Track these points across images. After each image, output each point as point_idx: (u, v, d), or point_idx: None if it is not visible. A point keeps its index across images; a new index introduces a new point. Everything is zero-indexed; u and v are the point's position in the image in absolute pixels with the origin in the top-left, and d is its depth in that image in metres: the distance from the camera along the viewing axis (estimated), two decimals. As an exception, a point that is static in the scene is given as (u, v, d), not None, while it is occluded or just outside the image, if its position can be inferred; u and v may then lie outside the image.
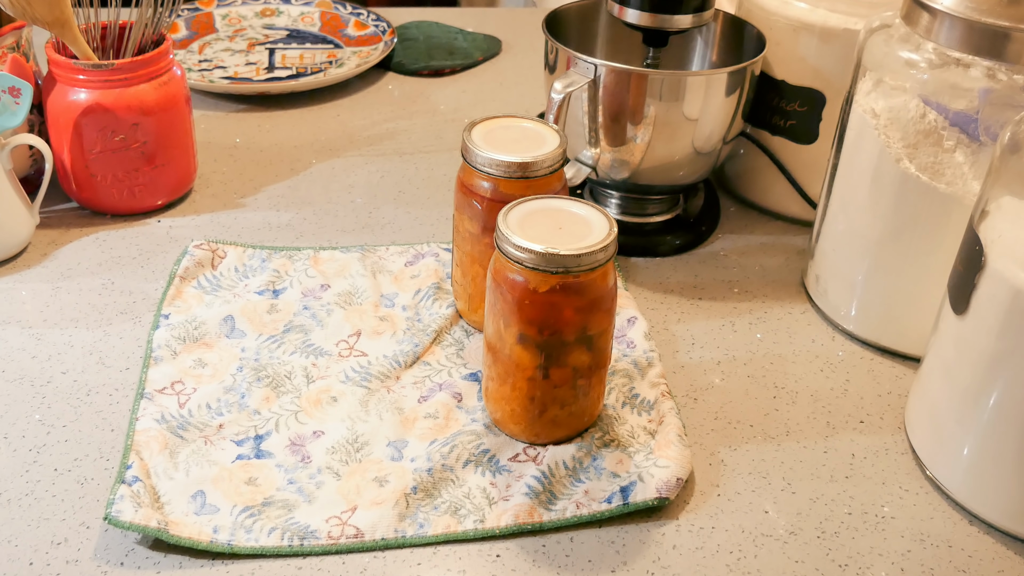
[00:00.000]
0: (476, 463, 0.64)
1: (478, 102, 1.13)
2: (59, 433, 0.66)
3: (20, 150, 0.87)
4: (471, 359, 0.73)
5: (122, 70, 0.82)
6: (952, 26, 0.65)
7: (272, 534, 0.59)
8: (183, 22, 1.24)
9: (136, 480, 0.60)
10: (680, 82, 0.79)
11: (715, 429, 0.69)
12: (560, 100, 0.77)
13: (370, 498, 0.62)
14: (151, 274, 0.81)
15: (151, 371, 0.70)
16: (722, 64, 0.91)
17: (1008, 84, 0.64)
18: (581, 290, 0.60)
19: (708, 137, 0.82)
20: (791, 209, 0.92)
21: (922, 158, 0.69)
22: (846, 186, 0.75)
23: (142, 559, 0.58)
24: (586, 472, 0.64)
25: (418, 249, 0.84)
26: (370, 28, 1.25)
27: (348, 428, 0.66)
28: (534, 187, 0.69)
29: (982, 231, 0.60)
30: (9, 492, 0.61)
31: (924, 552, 0.61)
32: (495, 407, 0.66)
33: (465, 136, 0.70)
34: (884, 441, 0.69)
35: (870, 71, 0.71)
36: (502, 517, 0.60)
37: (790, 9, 0.83)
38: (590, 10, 0.92)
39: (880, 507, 0.64)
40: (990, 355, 0.59)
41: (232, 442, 0.65)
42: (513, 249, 0.60)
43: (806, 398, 0.72)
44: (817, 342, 0.78)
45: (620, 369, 0.71)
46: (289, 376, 0.70)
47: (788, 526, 0.62)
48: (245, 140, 1.02)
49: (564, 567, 0.59)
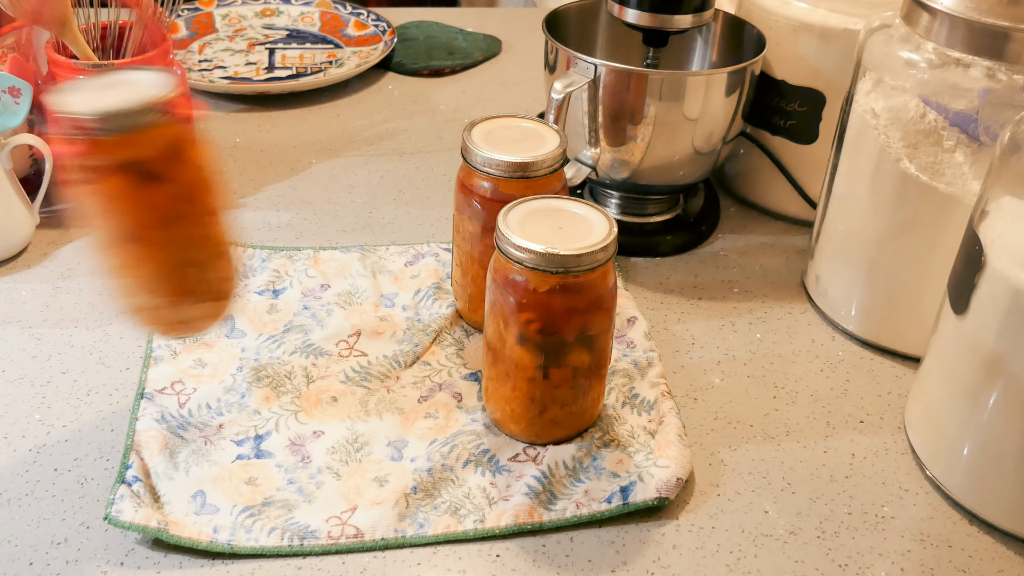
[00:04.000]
0: (476, 463, 0.64)
1: (478, 102, 1.13)
2: (59, 433, 0.66)
3: (20, 150, 0.87)
4: (471, 359, 0.73)
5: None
6: (952, 26, 0.65)
7: (272, 534, 0.59)
8: (183, 22, 1.24)
9: (136, 480, 0.60)
10: (680, 82, 0.79)
11: (715, 429, 0.69)
12: (560, 100, 0.77)
13: (370, 498, 0.62)
14: (151, 274, 0.81)
15: (151, 371, 0.70)
16: (722, 64, 0.91)
17: (1008, 84, 0.64)
18: (581, 290, 0.60)
19: (708, 137, 0.82)
20: (791, 209, 0.92)
21: (922, 158, 0.69)
22: (846, 186, 0.75)
23: (142, 559, 0.58)
24: (586, 472, 0.64)
25: (418, 249, 0.84)
26: (370, 28, 1.25)
27: (348, 428, 0.66)
28: (534, 187, 0.69)
29: (982, 231, 0.60)
30: (9, 492, 0.61)
31: (924, 552, 0.61)
32: (495, 407, 0.66)
33: (465, 136, 0.70)
34: (884, 441, 0.69)
35: (870, 71, 0.71)
36: (502, 517, 0.60)
37: (790, 9, 0.83)
38: (590, 10, 0.92)
39: (880, 507, 0.64)
40: (990, 355, 0.59)
41: (232, 442, 0.65)
42: (513, 249, 0.60)
43: (806, 398, 0.72)
44: (817, 342, 0.78)
45: (620, 369, 0.71)
46: (289, 376, 0.70)
47: (788, 526, 0.62)
48: (245, 140, 1.02)
49: (564, 567, 0.59)
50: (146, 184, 0.52)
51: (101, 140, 0.50)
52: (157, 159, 0.52)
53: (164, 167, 0.53)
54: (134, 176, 0.52)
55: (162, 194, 0.53)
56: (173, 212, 0.54)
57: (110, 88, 0.53)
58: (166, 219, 0.54)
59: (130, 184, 0.52)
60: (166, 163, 0.53)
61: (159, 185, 0.53)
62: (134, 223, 0.53)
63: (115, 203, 0.53)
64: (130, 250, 0.54)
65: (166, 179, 0.53)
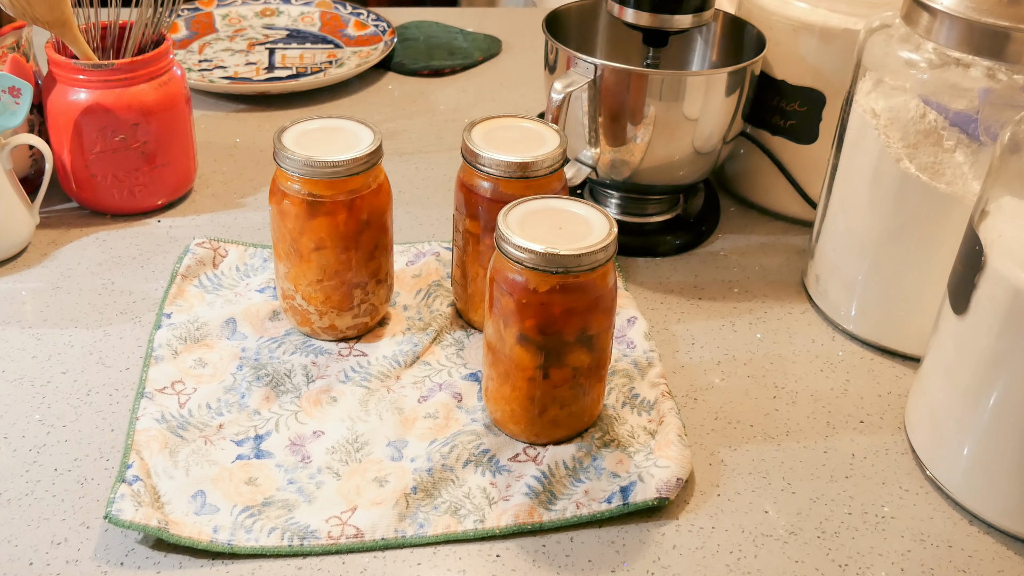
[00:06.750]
0: (476, 463, 0.64)
1: (478, 102, 1.13)
2: (59, 433, 0.66)
3: (20, 150, 0.87)
4: (471, 359, 0.73)
5: (122, 70, 0.82)
6: (952, 26, 0.65)
7: (272, 534, 0.59)
8: (183, 22, 1.24)
9: (136, 479, 0.60)
10: (680, 82, 0.79)
11: (715, 429, 0.69)
12: (560, 100, 0.77)
13: (370, 498, 0.62)
14: (151, 274, 0.81)
15: (151, 370, 0.70)
16: (722, 64, 0.91)
17: (1008, 84, 0.64)
18: (581, 290, 0.60)
19: (708, 137, 0.82)
20: (791, 209, 0.92)
21: (922, 158, 0.69)
22: (846, 186, 0.75)
23: (142, 559, 0.58)
24: (586, 472, 0.64)
25: (419, 248, 0.84)
26: (370, 28, 1.25)
27: (348, 428, 0.66)
28: (534, 187, 0.69)
29: (982, 231, 0.60)
30: (9, 492, 0.61)
31: (924, 552, 0.61)
32: (495, 407, 0.66)
33: (465, 136, 0.70)
34: (884, 441, 0.69)
35: (870, 71, 0.71)
36: (502, 517, 0.60)
37: (790, 9, 0.83)
38: (590, 10, 0.92)
39: (880, 507, 0.64)
40: (990, 355, 0.59)
41: (232, 442, 0.65)
42: (513, 249, 0.60)
43: (806, 398, 0.72)
44: (817, 342, 0.78)
45: (620, 369, 0.71)
46: (289, 375, 0.70)
47: (788, 526, 0.62)
48: (245, 140, 1.02)
49: (564, 567, 0.59)
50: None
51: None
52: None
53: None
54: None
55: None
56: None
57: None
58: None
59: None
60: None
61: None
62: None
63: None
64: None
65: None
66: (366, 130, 0.70)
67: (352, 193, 0.68)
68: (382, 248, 0.72)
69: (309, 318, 0.72)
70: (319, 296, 0.71)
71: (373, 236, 0.70)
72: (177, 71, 0.87)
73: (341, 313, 0.72)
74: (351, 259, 0.70)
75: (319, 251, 0.69)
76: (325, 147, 0.68)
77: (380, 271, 0.72)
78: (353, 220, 0.68)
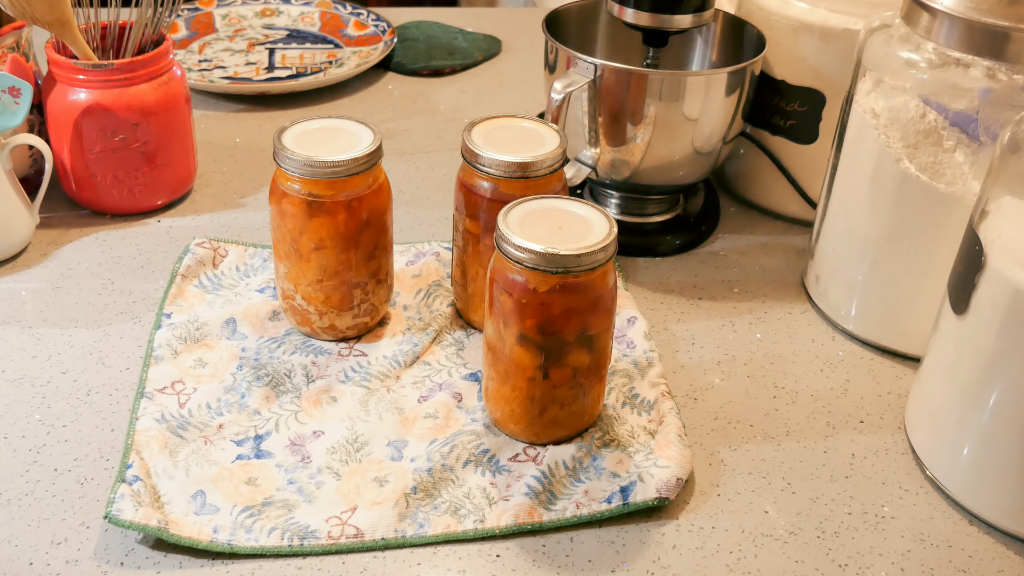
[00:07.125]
0: (476, 463, 0.64)
1: (478, 102, 1.13)
2: (59, 433, 0.66)
3: (20, 150, 0.87)
4: (471, 359, 0.73)
5: (122, 70, 0.82)
6: (952, 26, 0.65)
7: (272, 534, 0.59)
8: (183, 22, 1.24)
9: (136, 479, 0.60)
10: (680, 82, 0.79)
11: (715, 429, 0.69)
12: (560, 100, 0.77)
13: (370, 498, 0.62)
14: (151, 274, 0.81)
15: (151, 370, 0.70)
16: (722, 64, 0.91)
17: (1008, 84, 0.64)
18: (581, 290, 0.60)
19: (708, 137, 0.82)
20: (791, 209, 0.92)
21: (922, 158, 0.69)
22: (846, 186, 0.75)
23: (142, 559, 0.58)
24: (586, 472, 0.64)
25: (419, 248, 0.84)
26: (370, 28, 1.25)
27: (348, 428, 0.66)
28: (534, 187, 0.69)
29: (982, 231, 0.60)
30: (9, 492, 0.61)
31: (924, 552, 0.61)
32: (495, 407, 0.66)
33: (465, 136, 0.70)
34: (884, 441, 0.69)
35: (870, 71, 0.71)
36: (502, 517, 0.60)
37: (790, 9, 0.83)
38: (590, 10, 0.92)
39: (880, 507, 0.64)
40: (990, 355, 0.59)
41: (232, 442, 0.65)
42: (513, 249, 0.60)
43: (806, 398, 0.72)
44: (817, 342, 0.78)
45: (620, 369, 0.71)
46: (289, 375, 0.70)
47: (788, 526, 0.62)
48: (245, 140, 1.02)
49: (564, 567, 0.59)
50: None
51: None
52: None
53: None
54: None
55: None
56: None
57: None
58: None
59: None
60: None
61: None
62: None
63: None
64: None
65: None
66: (366, 130, 0.70)
67: (352, 193, 0.68)
68: (382, 248, 0.72)
69: (309, 318, 0.72)
70: (319, 296, 0.71)
71: (373, 236, 0.70)
72: (177, 71, 0.87)
73: (341, 313, 0.72)
74: (351, 259, 0.70)
75: (319, 251, 0.69)
76: (325, 147, 0.68)
77: (380, 271, 0.72)
78: (353, 220, 0.68)
